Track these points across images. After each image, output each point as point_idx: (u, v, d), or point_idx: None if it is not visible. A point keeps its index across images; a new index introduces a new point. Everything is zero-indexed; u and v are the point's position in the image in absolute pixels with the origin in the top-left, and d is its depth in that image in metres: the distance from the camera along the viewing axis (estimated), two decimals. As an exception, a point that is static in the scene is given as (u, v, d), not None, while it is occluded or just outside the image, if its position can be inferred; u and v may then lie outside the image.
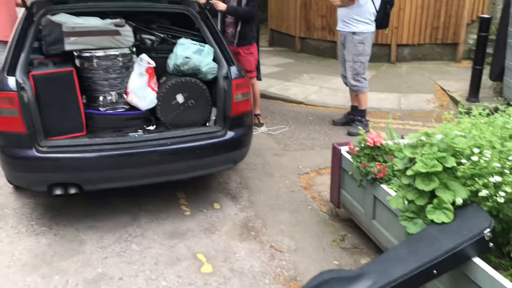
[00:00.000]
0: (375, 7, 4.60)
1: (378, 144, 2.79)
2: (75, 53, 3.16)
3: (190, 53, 3.27)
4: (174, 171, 3.23)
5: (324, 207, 3.59)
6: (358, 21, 4.65)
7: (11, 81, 2.89)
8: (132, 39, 3.27)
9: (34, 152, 2.92)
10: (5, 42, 3.50)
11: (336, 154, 3.20)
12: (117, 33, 3.19)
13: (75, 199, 3.47)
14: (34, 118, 2.92)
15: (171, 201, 3.64)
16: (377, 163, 2.74)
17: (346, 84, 5.14)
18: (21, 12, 3.46)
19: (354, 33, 4.70)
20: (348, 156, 3.06)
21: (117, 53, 3.18)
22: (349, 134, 5.00)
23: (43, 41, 3.12)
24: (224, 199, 3.72)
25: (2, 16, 4.38)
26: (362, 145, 2.85)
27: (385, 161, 2.78)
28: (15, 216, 3.41)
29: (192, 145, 3.18)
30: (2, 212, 3.45)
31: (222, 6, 4.52)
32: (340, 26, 4.84)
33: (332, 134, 5.09)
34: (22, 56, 3.00)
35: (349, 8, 4.65)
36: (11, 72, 2.94)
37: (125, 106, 3.28)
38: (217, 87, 3.31)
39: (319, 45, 8.98)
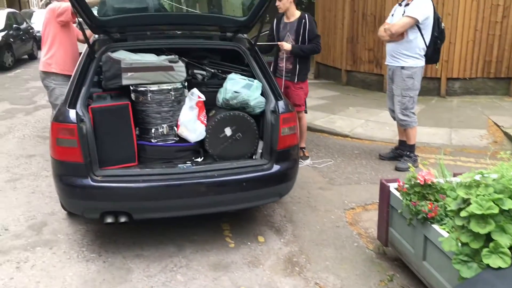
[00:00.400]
0: (425, 42, 4.56)
1: (429, 182, 2.72)
2: (131, 87, 3.32)
3: (239, 87, 3.36)
4: (221, 203, 3.27)
5: (371, 244, 3.50)
6: (407, 56, 4.63)
7: (72, 114, 3.07)
8: (184, 74, 3.40)
9: (89, 181, 3.06)
10: (68, 76, 3.75)
11: (384, 190, 3.14)
12: (171, 68, 3.33)
13: (124, 227, 3.58)
14: (91, 148, 3.07)
15: (216, 232, 3.68)
16: (428, 202, 2.66)
17: (394, 118, 5.07)
18: (83, 48, 3.71)
19: (403, 67, 4.67)
20: (397, 193, 2.99)
21: (170, 87, 3.31)
22: (397, 169, 4.89)
23: (103, 76, 3.30)
24: (269, 232, 3.71)
25: (66, 51, 4.70)
26: (412, 182, 2.79)
27: (436, 200, 2.69)
28: (67, 241, 3.55)
29: (239, 178, 3.22)
30: (56, 238, 3.60)
31: (287, 47, 4.62)
32: (389, 61, 4.83)
33: (379, 169, 5.00)
34: (83, 90, 3.19)
35: (398, 43, 4.64)
36: (73, 105, 3.12)
37: (175, 138, 3.39)
38: (264, 121, 3.37)
39: (366, 78, 8.94)
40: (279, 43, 4.56)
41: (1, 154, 5.52)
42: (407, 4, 4.57)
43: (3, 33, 12.15)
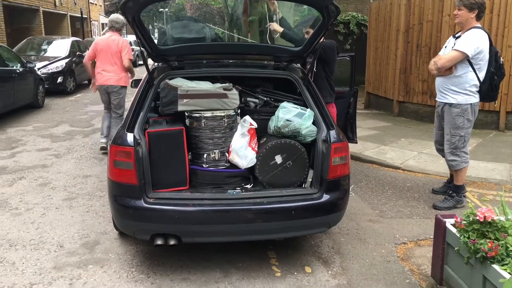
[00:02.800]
0: (478, 78, 4.32)
1: (489, 220, 2.58)
2: (186, 113, 3.42)
3: (291, 116, 3.38)
4: (269, 230, 3.26)
5: (424, 282, 3.34)
6: (455, 92, 4.40)
7: (130, 137, 3.19)
8: (237, 102, 3.47)
9: (142, 203, 3.14)
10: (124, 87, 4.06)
11: (440, 226, 3.01)
12: (225, 96, 3.42)
13: (172, 250, 3.62)
14: (145, 171, 3.17)
15: (262, 260, 3.65)
16: (488, 240, 2.53)
17: (441, 155, 4.87)
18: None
19: (451, 104, 4.46)
20: (454, 230, 2.86)
21: (223, 114, 3.39)
22: (435, 207, 4.64)
23: (160, 101, 3.44)
24: (316, 263, 3.63)
25: (118, 66, 6.18)
26: (471, 219, 2.66)
27: (497, 239, 2.55)
28: (118, 261, 3.64)
29: (288, 206, 3.21)
30: (107, 257, 3.70)
31: (278, 28, 4.26)
32: (438, 96, 4.64)
33: (431, 204, 4.80)
34: (141, 114, 3.32)
35: (446, 78, 4.44)
36: (130, 129, 3.26)
37: (226, 164, 3.44)
38: (315, 149, 3.35)
39: (418, 109, 8.74)
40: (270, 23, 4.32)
41: (60, 174, 5.80)
42: (458, 37, 4.41)
43: (67, 60, 12.93)
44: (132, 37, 26.45)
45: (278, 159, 3.40)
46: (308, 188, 3.39)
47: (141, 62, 25.42)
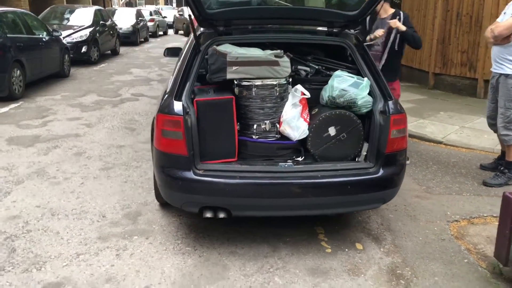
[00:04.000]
0: None
1: None
2: (235, 82, 3.25)
3: (347, 85, 3.19)
4: (321, 206, 3.13)
5: (483, 262, 3.19)
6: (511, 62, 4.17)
7: (178, 106, 3.05)
8: (289, 70, 3.29)
9: (191, 174, 3.02)
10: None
11: (508, 204, 2.83)
12: (276, 63, 3.23)
13: (216, 223, 3.52)
14: (195, 141, 3.03)
15: (310, 236, 3.53)
16: None
17: (493, 130, 4.63)
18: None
19: (507, 75, 4.21)
20: (524, 208, 2.69)
21: (275, 83, 3.21)
22: (485, 184, 4.45)
23: (208, 69, 3.27)
24: (366, 240, 3.50)
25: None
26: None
27: None
28: (162, 233, 3.56)
29: (343, 180, 3.06)
30: (151, 228, 3.63)
31: (402, 27, 4.29)
32: (493, 67, 4.38)
33: (481, 180, 4.60)
34: (189, 83, 3.16)
35: (503, 47, 4.17)
36: (178, 97, 3.11)
37: (276, 135, 3.29)
38: (372, 121, 3.17)
39: (456, 82, 8.41)
40: (391, 21, 4.22)
41: (93, 143, 5.73)
42: None
43: (90, 29, 12.77)
44: (151, 7, 26.11)
45: (332, 131, 3.23)
46: (362, 162, 3.23)
47: (161, 33, 25.20)
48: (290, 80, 3.31)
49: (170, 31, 27.95)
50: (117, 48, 15.29)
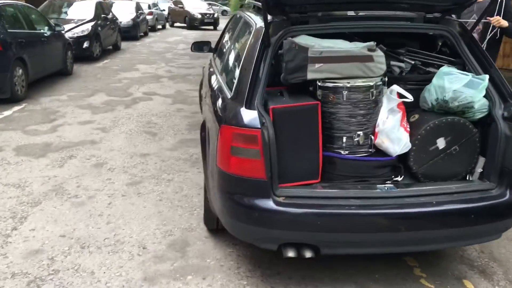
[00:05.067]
0: None
1: None
2: (318, 83, 2.58)
3: (461, 85, 2.52)
4: (434, 240, 2.49)
5: None
6: None
7: (253, 116, 2.38)
8: (384, 67, 2.62)
9: (271, 203, 2.36)
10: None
11: None
12: (370, 59, 2.56)
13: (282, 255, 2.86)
14: (273, 161, 2.37)
15: (403, 269, 2.89)
16: None
17: None
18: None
19: None
20: None
21: (371, 84, 2.53)
22: None
23: (284, 67, 2.59)
24: (471, 274, 2.87)
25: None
26: None
27: None
28: (220, 269, 2.90)
29: (465, 208, 2.40)
30: (205, 263, 2.96)
31: (505, 23, 3.77)
32: None
33: None
34: (261, 85, 2.49)
35: None
36: (250, 105, 2.43)
37: (370, 150, 2.62)
38: (493, 130, 2.51)
39: None
40: (491, 18, 3.64)
41: (113, 152, 5.04)
42: None
43: (92, 23, 11.98)
44: (148, 0, 25.26)
45: (441, 143, 2.57)
46: (478, 181, 2.58)
47: (159, 26, 24.31)
48: (386, 79, 2.63)
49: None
50: (119, 43, 14.49)
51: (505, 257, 3.04)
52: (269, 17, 2.71)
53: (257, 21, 2.86)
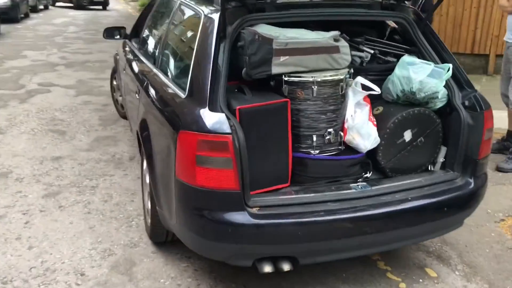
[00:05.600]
0: None
1: None
2: (284, 78, 2.33)
3: (425, 76, 2.46)
4: (411, 236, 2.44)
5: None
6: None
7: (221, 119, 2.07)
8: (349, 58, 2.45)
9: (246, 217, 2.10)
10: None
11: None
12: (336, 50, 2.38)
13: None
14: (245, 168, 2.10)
15: (368, 265, 2.82)
16: None
17: (506, 104, 4.33)
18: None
19: None
20: None
21: (342, 77, 2.35)
22: (499, 170, 4.15)
23: (246, 61, 2.29)
24: (430, 261, 2.90)
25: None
26: None
27: None
28: (180, 289, 2.58)
29: (439, 201, 2.37)
30: (159, 284, 2.62)
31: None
32: (508, 37, 4.03)
33: (493, 165, 4.25)
34: (221, 82, 2.18)
35: None
36: (213, 106, 2.12)
37: (340, 148, 2.45)
38: (454, 119, 2.50)
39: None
40: None
41: (18, 158, 4.32)
42: None
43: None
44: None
45: (407, 135, 2.50)
46: (443, 171, 2.57)
47: (41, 7, 21.98)
48: (352, 71, 2.47)
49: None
50: (-2, 27, 12.77)
51: (455, 239, 3.12)
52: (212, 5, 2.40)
53: (204, 9, 2.51)
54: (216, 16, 2.34)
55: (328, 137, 2.36)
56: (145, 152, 2.70)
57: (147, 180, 2.88)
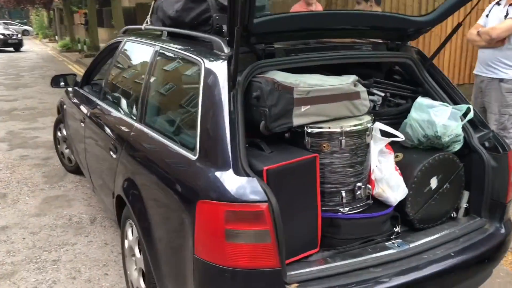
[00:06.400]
0: None
1: None
2: (307, 130, 2.07)
3: (446, 118, 2.32)
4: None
5: None
6: (507, 66, 3.93)
7: (252, 184, 1.75)
8: (368, 103, 2.25)
9: (289, 297, 1.76)
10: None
11: None
12: (358, 96, 2.17)
13: None
14: (281, 239, 1.78)
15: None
16: None
17: None
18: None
19: (502, 80, 3.96)
20: None
21: (368, 125, 2.13)
22: None
23: (266, 113, 2.00)
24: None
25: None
26: None
27: None
28: None
29: (480, 253, 2.19)
30: None
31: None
32: (481, 70, 4.10)
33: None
34: (241, 140, 1.87)
35: (496, 50, 3.91)
36: (237, 169, 1.79)
37: (369, 202, 2.21)
38: (477, 161, 2.38)
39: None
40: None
41: (-48, 232, 3.63)
42: (510, 4, 3.87)
43: None
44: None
45: (433, 182, 2.32)
46: (470, 218, 2.41)
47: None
48: (373, 118, 2.27)
49: None
50: None
51: (469, 283, 2.98)
52: (225, 49, 2.11)
53: (202, 57, 2.19)
54: (223, 64, 2.04)
55: (358, 192, 2.11)
56: (139, 224, 2.28)
57: (137, 253, 2.45)
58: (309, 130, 2.06)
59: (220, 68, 2.04)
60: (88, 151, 3.51)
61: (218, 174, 1.82)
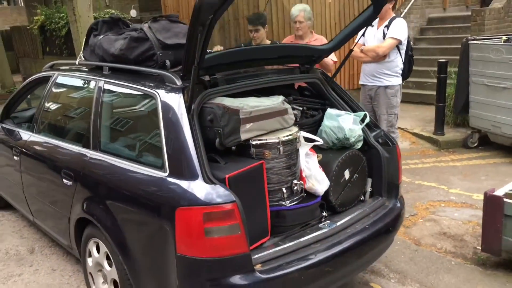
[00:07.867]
0: (402, 61, 4.86)
1: None
2: (252, 142, 2.59)
3: (351, 123, 3.01)
4: (372, 259, 2.94)
5: (459, 258, 3.57)
6: (389, 75, 4.81)
7: (221, 189, 2.22)
8: (293, 117, 2.85)
9: (258, 276, 2.26)
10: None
11: (495, 203, 3.27)
12: (286, 112, 2.74)
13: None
14: (246, 230, 2.28)
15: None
16: None
17: None
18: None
19: (387, 87, 4.86)
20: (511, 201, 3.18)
21: (298, 135, 2.72)
22: None
23: (219, 133, 2.47)
24: (371, 277, 3.39)
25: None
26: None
27: None
28: None
29: (386, 223, 2.89)
30: None
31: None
32: (368, 81, 4.95)
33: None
34: (203, 155, 2.34)
35: (379, 63, 4.79)
36: (207, 178, 2.25)
37: (303, 195, 2.79)
38: (375, 155, 3.09)
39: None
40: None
41: None
42: (386, 26, 4.75)
43: None
44: None
45: (347, 174, 2.98)
46: (375, 199, 3.12)
47: None
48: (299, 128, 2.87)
49: None
50: None
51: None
52: (177, 82, 2.54)
53: (155, 90, 2.59)
54: (178, 95, 2.47)
55: (295, 187, 2.68)
56: (111, 238, 2.59)
57: (107, 267, 2.75)
58: (254, 143, 2.59)
59: (176, 99, 2.47)
60: (28, 183, 3.63)
61: (190, 184, 2.25)
